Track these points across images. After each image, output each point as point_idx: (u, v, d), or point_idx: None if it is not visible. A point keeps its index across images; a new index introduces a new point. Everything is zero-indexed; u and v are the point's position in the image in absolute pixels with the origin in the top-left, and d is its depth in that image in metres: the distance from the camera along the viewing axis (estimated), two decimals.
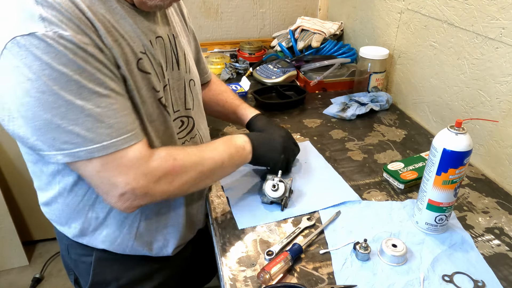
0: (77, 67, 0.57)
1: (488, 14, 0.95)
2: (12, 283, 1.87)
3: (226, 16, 1.86)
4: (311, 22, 1.75)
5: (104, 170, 0.62)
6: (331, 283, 0.68)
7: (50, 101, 0.56)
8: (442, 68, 1.13)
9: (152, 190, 0.66)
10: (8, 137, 1.73)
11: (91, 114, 0.58)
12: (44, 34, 0.54)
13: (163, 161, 0.66)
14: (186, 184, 0.71)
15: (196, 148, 0.75)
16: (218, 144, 0.79)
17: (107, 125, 0.60)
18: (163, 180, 0.66)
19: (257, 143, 0.85)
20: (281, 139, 0.91)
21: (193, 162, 0.71)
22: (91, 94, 0.58)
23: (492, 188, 0.95)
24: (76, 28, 0.57)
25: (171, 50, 0.79)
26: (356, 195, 0.90)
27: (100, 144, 0.60)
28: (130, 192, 0.63)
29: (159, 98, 0.74)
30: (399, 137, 1.16)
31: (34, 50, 0.54)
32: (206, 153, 0.75)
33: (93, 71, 0.58)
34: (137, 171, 0.63)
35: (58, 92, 0.56)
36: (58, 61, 0.55)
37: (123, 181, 0.62)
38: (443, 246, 0.76)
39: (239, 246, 0.77)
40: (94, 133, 0.59)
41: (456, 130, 0.69)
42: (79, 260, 0.87)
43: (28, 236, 2.02)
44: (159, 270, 0.92)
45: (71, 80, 0.56)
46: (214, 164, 0.75)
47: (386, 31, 1.41)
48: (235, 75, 1.58)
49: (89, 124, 0.59)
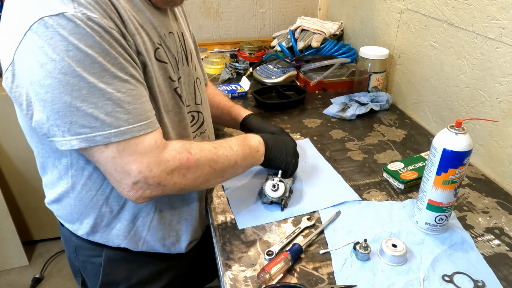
0: (102, 49, 0.57)
1: (488, 14, 0.95)
2: (12, 283, 1.87)
3: (226, 16, 1.87)
4: (311, 22, 1.75)
5: (120, 157, 0.61)
6: (331, 283, 0.68)
7: (72, 83, 0.56)
8: (442, 68, 1.13)
9: (164, 181, 0.65)
10: (8, 137, 1.73)
11: (112, 98, 0.59)
12: (73, 15, 0.54)
13: (177, 153, 0.66)
14: (198, 179, 0.71)
15: (211, 144, 0.75)
16: (233, 143, 0.78)
17: (126, 110, 0.60)
18: (176, 172, 0.66)
19: (270, 145, 0.86)
20: (293, 143, 0.92)
21: (208, 158, 0.71)
22: (113, 78, 0.59)
23: (492, 188, 0.95)
24: (103, 12, 0.58)
25: (181, 46, 0.81)
26: (356, 195, 0.90)
27: (118, 129, 0.60)
28: (142, 181, 0.63)
29: (175, 88, 0.75)
30: (399, 137, 1.16)
31: (61, 30, 0.54)
32: (221, 151, 0.74)
33: (116, 55, 0.59)
34: (151, 159, 0.63)
35: (81, 74, 0.56)
36: (84, 42, 0.55)
37: (136, 168, 0.62)
38: (443, 246, 0.76)
39: (239, 246, 0.77)
40: (112, 118, 0.59)
41: (456, 130, 0.69)
42: (87, 262, 0.87)
43: (28, 236, 2.02)
44: (168, 270, 0.92)
45: (95, 62, 0.57)
46: (227, 163, 0.75)
47: (386, 31, 1.41)
48: (235, 75, 1.58)
49: (109, 108, 0.59)
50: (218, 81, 1.53)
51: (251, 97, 1.38)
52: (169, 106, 0.74)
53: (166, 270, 0.92)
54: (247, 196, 0.89)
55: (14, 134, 1.72)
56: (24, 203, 1.92)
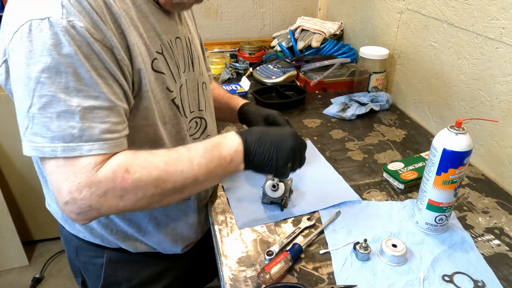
0: (75, 61, 0.55)
1: (488, 14, 0.95)
2: (12, 283, 1.87)
3: (226, 16, 1.86)
4: (311, 22, 1.75)
5: (56, 172, 0.58)
6: (331, 283, 0.68)
7: (34, 89, 0.55)
8: (442, 68, 1.13)
9: (96, 204, 0.58)
10: (8, 137, 1.73)
11: (69, 111, 0.56)
12: (58, 21, 0.54)
13: (111, 172, 0.58)
14: (141, 201, 0.62)
15: (163, 158, 0.64)
16: (197, 153, 0.66)
17: (81, 127, 0.57)
18: (110, 194, 0.59)
19: (254, 150, 0.69)
20: (291, 142, 0.72)
21: (152, 177, 0.61)
22: (77, 91, 0.56)
23: (492, 188, 0.95)
24: (93, 22, 0.57)
25: (188, 51, 0.80)
26: (356, 195, 0.90)
27: (67, 145, 0.56)
28: (72, 202, 0.58)
29: (172, 99, 0.73)
30: (399, 137, 1.16)
31: (41, 35, 0.54)
32: (174, 167, 0.63)
33: (89, 70, 0.57)
34: (82, 180, 0.57)
35: (45, 81, 0.54)
36: (58, 51, 0.54)
37: (67, 188, 0.57)
38: (443, 246, 0.76)
39: (239, 246, 0.77)
40: (64, 132, 0.56)
41: (456, 130, 0.69)
42: (89, 262, 0.87)
43: (28, 236, 2.02)
44: (169, 270, 0.92)
45: (64, 72, 0.55)
46: (183, 180, 0.64)
47: (386, 31, 1.41)
48: (235, 75, 1.58)
49: (63, 121, 0.56)
50: (218, 81, 1.53)
51: (251, 97, 1.38)
52: (166, 118, 0.72)
53: (167, 271, 0.92)
54: (247, 196, 0.89)
55: (14, 134, 1.71)
56: (24, 203, 1.92)
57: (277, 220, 0.83)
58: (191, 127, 0.82)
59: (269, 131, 0.72)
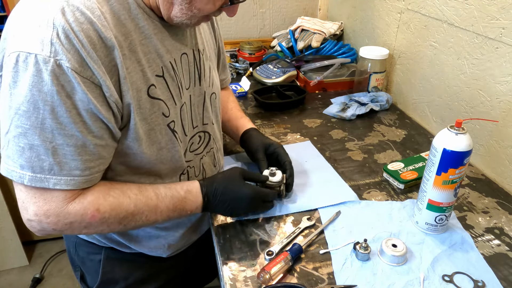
0: (54, 100, 0.56)
1: (488, 14, 0.95)
2: (12, 283, 1.87)
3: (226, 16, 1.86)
4: (311, 22, 1.75)
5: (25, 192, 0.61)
6: (331, 283, 0.68)
7: (12, 118, 0.57)
8: (442, 68, 1.13)
9: (61, 228, 0.64)
10: None
11: (42, 145, 0.58)
12: (44, 59, 0.54)
13: (82, 208, 0.63)
14: (103, 231, 0.69)
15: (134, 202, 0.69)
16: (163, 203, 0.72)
17: (51, 161, 0.59)
18: (76, 224, 0.64)
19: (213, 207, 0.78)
20: (246, 204, 0.79)
21: (120, 217, 0.67)
22: (52, 129, 0.58)
23: (492, 188, 0.95)
24: (81, 60, 0.57)
25: (195, 65, 0.79)
26: (355, 195, 0.90)
27: (34, 175, 0.59)
28: (37, 222, 0.62)
29: (168, 123, 0.73)
30: (399, 137, 1.16)
31: (25, 69, 0.55)
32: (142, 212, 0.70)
33: (68, 109, 0.58)
34: (51, 208, 0.61)
35: (23, 114, 0.56)
36: (39, 88, 0.55)
37: (33, 211, 0.61)
38: (443, 246, 0.76)
39: (239, 246, 0.77)
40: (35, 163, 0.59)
41: (456, 130, 0.69)
42: (87, 258, 0.88)
43: (28, 236, 2.02)
44: (166, 269, 0.93)
45: (41, 109, 0.56)
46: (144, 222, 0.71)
47: (386, 31, 1.41)
48: (235, 75, 1.58)
49: (34, 153, 0.58)
50: None
51: (251, 97, 1.38)
52: (162, 143, 0.73)
53: (164, 270, 0.92)
54: None
55: None
56: None
57: (277, 220, 0.83)
58: (193, 142, 0.82)
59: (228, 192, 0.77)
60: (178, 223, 0.86)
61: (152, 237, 0.84)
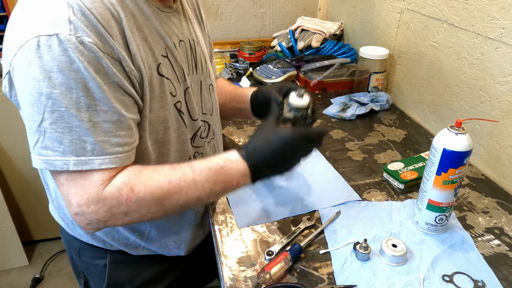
0: (85, 77, 0.56)
1: (488, 14, 0.95)
2: (12, 283, 1.87)
3: (226, 16, 1.86)
4: (311, 22, 1.75)
5: (67, 186, 0.60)
6: (331, 283, 0.68)
7: (45, 104, 0.56)
8: (442, 68, 1.13)
9: (103, 218, 0.62)
10: (8, 137, 1.73)
11: (81, 125, 0.57)
12: (66, 38, 0.54)
13: (116, 191, 0.61)
14: (146, 216, 0.65)
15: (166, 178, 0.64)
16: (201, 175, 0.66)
17: (93, 141, 0.58)
18: (115, 210, 0.62)
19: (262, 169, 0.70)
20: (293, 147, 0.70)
21: (155, 196, 0.63)
22: (87, 106, 0.57)
23: (492, 188, 0.95)
24: (100, 36, 0.57)
25: (192, 54, 0.80)
26: (357, 194, 0.90)
27: (79, 158, 0.58)
28: (81, 214, 0.61)
29: (175, 103, 0.73)
30: (399, 137, 1.16)
31: (50, 51, 0.54)
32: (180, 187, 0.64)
33: (99, 84, 0.57)
34: (91, 195, 0.60)
35: (56, 97, 0.55)
36: (69, 67, 0.55)
37: (76, 202, 0.60)
38: (443, 246, 0.76)
39: (239, 246, 0.77)
40: (77, 145, 0.57)
41: (456, 130, 0.69)
42: (91, 263, 0.88)
43: (28, 236, 2.02)
44: (170, 270, 0.93)
45: (74, 88, 0.56)
46: (186, 200, 0.66)
47: (386, 31, 1.41)
48: (235, 75, 1.58)
49: (75, 135, 0.57)
50: None
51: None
52: (168, 122, 0.73)
53: (168, 271, 0.93)
54: (247, 196, 0.89)
55: (14, 134, 1.72)
56: (24, 203, 1.92)
57: (277, 220, 0.83)
58: (200, 127, 0.82)
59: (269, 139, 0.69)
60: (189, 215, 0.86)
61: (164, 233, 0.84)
